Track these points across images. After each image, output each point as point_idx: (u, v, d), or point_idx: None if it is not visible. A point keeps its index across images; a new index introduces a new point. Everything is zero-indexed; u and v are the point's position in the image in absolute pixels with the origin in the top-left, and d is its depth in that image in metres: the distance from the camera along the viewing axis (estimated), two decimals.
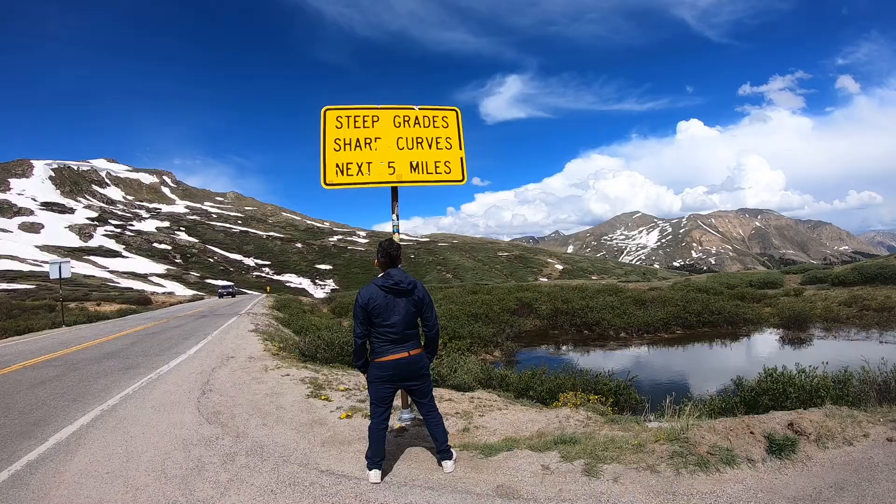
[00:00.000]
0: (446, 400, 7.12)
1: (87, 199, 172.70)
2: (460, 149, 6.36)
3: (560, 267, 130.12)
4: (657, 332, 22.21)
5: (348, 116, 6.12)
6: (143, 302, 45.79)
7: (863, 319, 21.58)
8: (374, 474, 4.31)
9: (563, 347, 21.27)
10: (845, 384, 6.98)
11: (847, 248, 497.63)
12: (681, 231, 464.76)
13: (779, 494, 3.85)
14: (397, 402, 6.53)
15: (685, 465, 4.24)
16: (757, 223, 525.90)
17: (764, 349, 19.04)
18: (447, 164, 6.29)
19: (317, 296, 68.84)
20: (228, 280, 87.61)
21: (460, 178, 6.32)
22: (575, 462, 4.48)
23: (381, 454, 4.37)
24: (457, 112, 6.45)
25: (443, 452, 4.52)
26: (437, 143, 6.29)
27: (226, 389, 7.82)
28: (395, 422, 5.92)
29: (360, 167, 6.00)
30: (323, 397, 7.14)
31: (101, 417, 6.45)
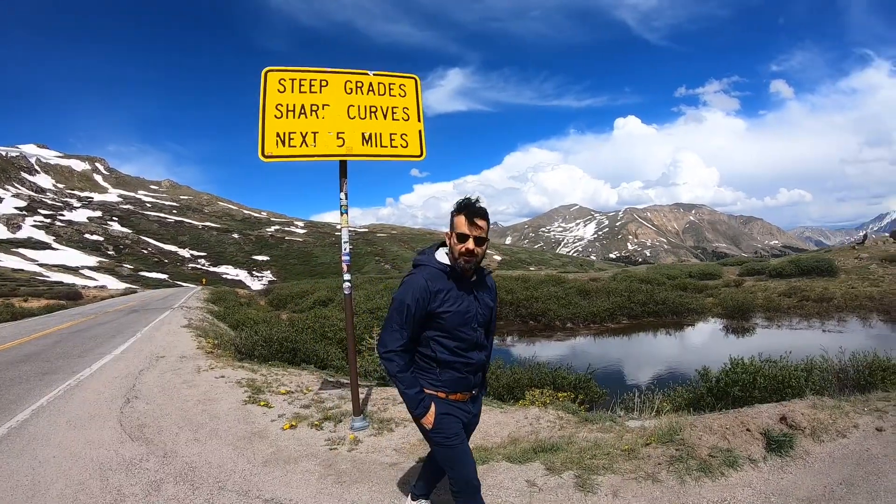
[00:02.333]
0: (400, 402, 6.35)
1: (16, 188, 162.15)
2: (419, 121, 5.71)
3: (499, 258, 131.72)
4: (603, 322, 22.43)
5: (293, 80, 5.41)
6: (73, 297, 43.08)
7: (803, 309, 22.62)
8: None
9: (509, 339, 21.22)
10: (810, 373, 7.04)
11: (777, 242, 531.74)
12: (617, 224, 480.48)
13: (791, 496, 3.64)
14: (348, 406, 5.90)
15: (688, 472, 3.86)
16: (691, 217, 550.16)
17: (710, 339, 19.59)
18: (404, 136, 5.63)
19: (254, 288, 67.34)
20: (163, 273, 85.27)
21: (419, 153, 5.68)
22: (563, 475, 3.96)
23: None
24: (416, 80, 5.81)
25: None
26: (394, 113, 5.63)
27: (153, 396, 6.98)
28: (346, 431, 5.28)
29: (304, 137, 5.29)
30: (262, 403, 6.40)
31: (7, 438, 5.43)
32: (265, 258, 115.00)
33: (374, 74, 5.65)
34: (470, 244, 2.82)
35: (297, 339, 10.79)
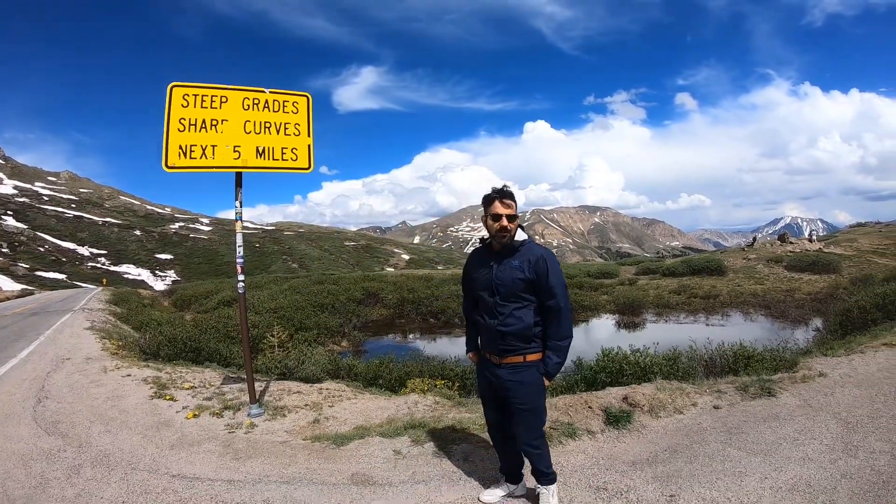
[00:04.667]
0: (295, 392, 7.16)
1: None
2: (308, 136, 6.36)
3: (406, 257, 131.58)
4: None
5: (196, 95, 5.90)
6: None
7: (691, 306, 24.94)
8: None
9: (411, 336, 22.09)
10: (675, 361, 7.83)
11: (678, 243, 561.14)
12: (525, 224, 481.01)
13: (619, 460, 4.45)
14: (247, 398, 6.52)
15: None
16: (596, 219, 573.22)
17: (602, 333, 21.21)
18: (294, 150, 6.26)
19: (157, 288, 64.73)
20: (61, 272, 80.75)
21: (307, 165, 6.33)
22: (426, 445, 4.83)
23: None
24: (308, 98, 6.44)
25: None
26: (286, 128, 6.25)
27: (63, 395, 7.29)
28: (244, 418, 5.95)
29: (204, 150, 5.82)
30: (168, 397, 6.92)
31: None
32: (169, 257, 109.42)
33: (269, 92, 6.23)
34: (504, 221, 3.51)
35: (200, 339, 11.18)
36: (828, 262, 31.12)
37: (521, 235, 3.66)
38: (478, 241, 3.83)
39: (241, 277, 6.16)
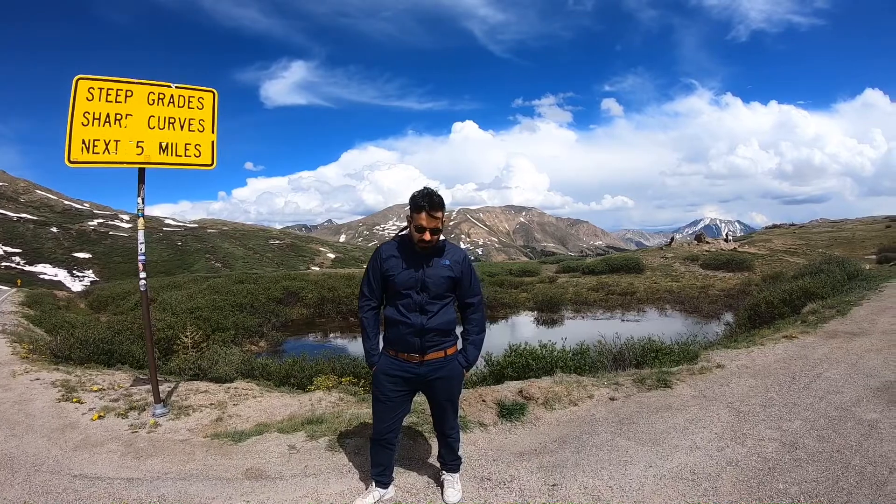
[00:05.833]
0: (202, 392, 7.21)
1: None
2: (213, 132, 6.39)
3: (332, 255, 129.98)
4: None
5: (101, 89, 5.87)
6: None
7: (608, 302, 26.06)
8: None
9: (330, 335, 22.17)
10: (583, 355, 8.08)
11: (602, 243, 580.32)
12: (451, 223, 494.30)
13: (507, 451, 4.66)
14: (152, 398, 6.55)
15: (420, 435, 4.96)
16: (521, 219, 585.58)
17: (518, 330, 21.78)
18: (198, 147, 6.29)
19: (74, 289, 62.05)
20: None
21: (209, 162, 6.36)
22: (320, 440, 4.99)
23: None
24: (213, 94, 6.46)
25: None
26: (190, 124, 6.26)
27: None
28: (148, 418, 5.99)
29: (107, 145, 5.81)
30: (75, 399, 6.84)
31: None
32: (87, 255, 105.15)
33: (176, 87, 6.23)
34: (427, 235, 3.49)
35: (113, 341, 10.99)
36: (741, 261, 33.06)
37: None
38: (396, 235, 3.80)
39: (142, 275, 6.21)
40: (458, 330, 3.85)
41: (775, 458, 4.18)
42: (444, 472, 4.01)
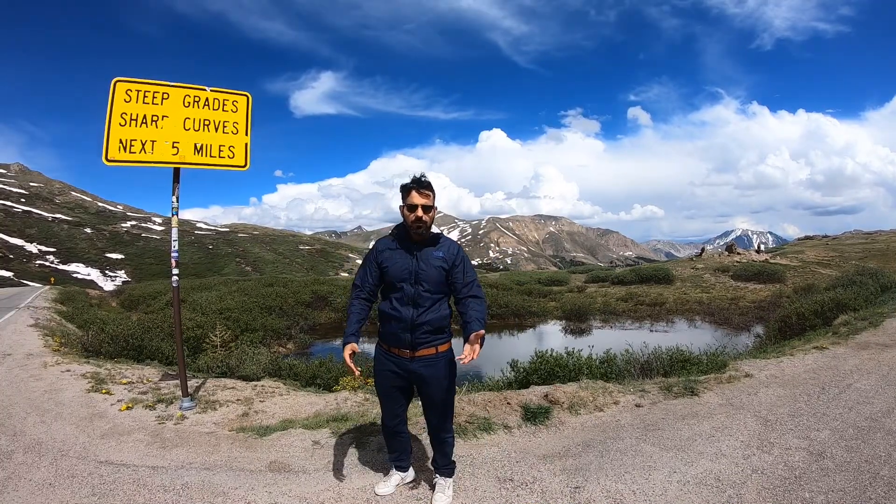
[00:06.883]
0: (229, 388, 7.39)
1: None
2: (246, 134, 6.58)
3: (361, 262, 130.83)
4: None
5: (138, 91, 6.07)
6: None
7: (637, 313, 25.80)
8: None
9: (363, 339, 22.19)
10: (609, 363, 8.03)
11: (631, 253, 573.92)
12: (480, 232, 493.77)
13: (531, 453, 4.67)
14: (180, 392, 6.74)
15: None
16: (551, 228, 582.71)
17: (547, 338, 21.63)
18: (231, 148, 6.47)
19: (106, 288, 63.23)
20: (8, 270, 78.75)
21: (243, 163, 6.55)
22: (345, 437, 5.08)
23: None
24: (247, 97, 6.64)
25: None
26: (224, 126, 6.45)
27: (1, 388, 7.45)
28: (175, 410, 6.15)
29: (143, 145, 6.02)
30: (104, 391, 7.06)
31: None
32: (119, 256, 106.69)
33: (210, 90, 6.44)
34: (419, 212, 3.58)
35: (143, 337, 11.25)
36: (773, 272, 32.22)
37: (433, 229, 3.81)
38: (392, 228, 3.87)
39: (175, 271, 6.40)
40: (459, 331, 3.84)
41: (802, 466, 4.14)
42: (437, 475, 4.02)
